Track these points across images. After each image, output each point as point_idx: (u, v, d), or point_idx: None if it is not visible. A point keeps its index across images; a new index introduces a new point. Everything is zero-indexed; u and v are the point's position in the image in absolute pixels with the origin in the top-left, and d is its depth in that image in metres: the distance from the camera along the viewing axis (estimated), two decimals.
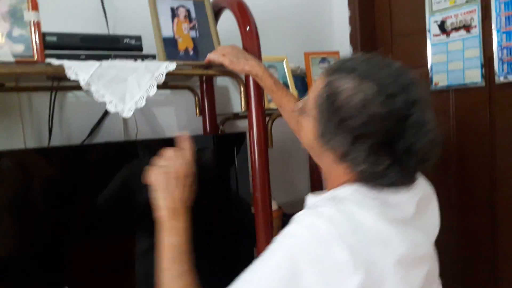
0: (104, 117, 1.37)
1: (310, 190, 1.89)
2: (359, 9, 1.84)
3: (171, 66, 1.06)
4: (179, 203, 0.82)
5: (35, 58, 0.96)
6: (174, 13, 1.20)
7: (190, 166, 0.85)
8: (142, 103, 1.03)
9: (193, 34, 1.22)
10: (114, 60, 1.04)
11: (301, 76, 1.53)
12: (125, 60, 1.06)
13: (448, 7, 1.54)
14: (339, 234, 0.66)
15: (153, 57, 1.17)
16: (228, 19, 1.29)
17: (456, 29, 1.52)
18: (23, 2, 0.96)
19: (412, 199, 0.77)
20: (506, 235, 1.51)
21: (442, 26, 1.56)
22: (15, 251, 1.08)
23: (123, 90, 1.00)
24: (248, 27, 1.21)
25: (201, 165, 1.36)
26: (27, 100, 1.25)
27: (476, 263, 1.61)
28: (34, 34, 0.97)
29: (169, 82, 1.43)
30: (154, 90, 1.04)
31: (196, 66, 1.19)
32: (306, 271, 0.65)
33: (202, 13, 1.25)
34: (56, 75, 1.14)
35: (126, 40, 1.15)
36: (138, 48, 1.18)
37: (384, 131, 0.69)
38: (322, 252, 0.65)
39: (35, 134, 1.27)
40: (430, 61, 1.62)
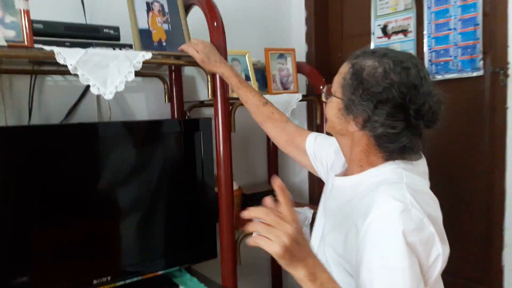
0: (80, 100, 1.48)
1: (267, 174, 2.07)
2: (315, 10, 2.02)
3: (148, 55, 1.21)
4: (309, 260, 0.77)
5: (26, 43, 1.08)
6: (149, 7, 1.34)
7: (297, 221, 0.74)
8: (121, 87, 1.17)
9: (166, 27, 1.36)
10: (95, 48, 1.17)
11: (261, 69, 1.70)
12: (104, 48, 1.19)
13: (390, 13, 1.76)
14: (424, 211, 0.81)
15: (129, 46, 1.30)
16: (197, 15, 1.44)
17: (395, 32, 1.75)
18: None
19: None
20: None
21: (385, 30, 1.78)
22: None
23: (105, 75, 1.14)
24: (215, 23, 1.36)
25: (170, 147, 1.52)
26: (8, 82, 1.35)
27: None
28: (24, 21, 1.07)
29: (140, 70, 1.55)
30: (132, 76, 1.18)
31: (169, 56, 1.33)
32: (421, 253, 0.79)
33: (174, 8, 1.40)
34: (38, 60, 1.25)
35: (106, 30, 1.28)
36: (116, 38, 1.31)
37: (400, 96, 0.85)
38: (424, 232, 0.80)
39: (15, 114, 1.36)
40: None
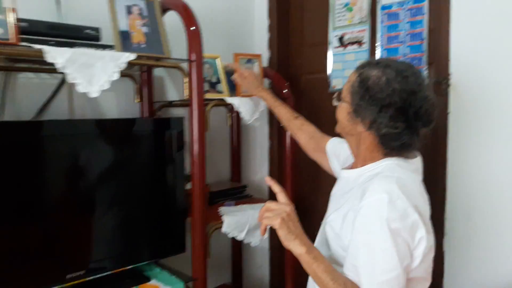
0: (52, 97, 1.49)
1: (230, 173, 2.17)
2: (277, 19, 2.13)
3: (132, 56, 1.26)
4: (304, 236, 0.97)
5: (12, 41, 1.09)
6: (129, 10, 1.39)
7: (290, 204, 1.00)
8: (106, 86, 1.21)
9: (144, 29, 1.42)
10: (80, 48, 1.20)
11: (230, 73, 1.79)
12: (86, 48, 1.23)
13: (346, 25, 1.92)
14: (409, 201, 0.93)
15: (109, 47, 1.34)
16: (172, 18, 1.50)
17: (351, 43, 1.91)
18: None
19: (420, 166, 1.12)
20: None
21: (341, 40, 1.94)
22: None
23: (91, 74, 1.18)
24: (193, 27, 1.44)
25: (141, 145, 1.56)
26: None
27: None
28: (10, 19, 1.09)
29: None
30: (117, 76, 1.23)
31: (149, 57, 1.39)
32: (406, 236, 0.92)
33: (152, 12, 1.45)
34: (24, 58, 1.25)
35: (87, 30, 1.31)
36: (96, 38, 1.34)
37: (401, 101, 0.99)
38: (408, 219, 0.92)
39: None
40: (330, 68, 1.98)
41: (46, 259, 1.31)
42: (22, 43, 1.10)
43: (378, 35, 1.80)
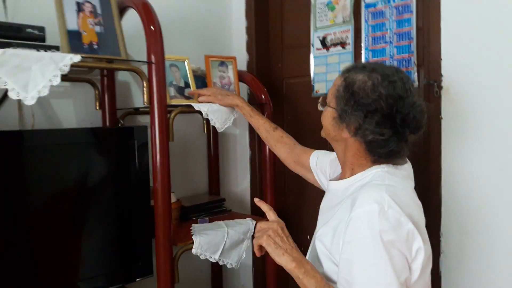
0: None
1: (208, 185, 2.01)
2: (255, 20, 2.00)
3: (76, 58, 1.10)
4: (294, 251, 0.96)
5: None
6: (79, 7, 1.24)
7: (279, 221, 1.01)
8: (45, 92, 1.05)
9: (97, 29, 1.26)
10: (16, 48, 1.05)
11: (201, 76, 1.64)
12: (27, 49, 1.07)
13: (328, 25, 1.78)
14: (402, 210, 0.87)
15: (56, 48, 1.19)
16: (133, 18, 1.36)
17: (334, 44, 1.77)
18: None
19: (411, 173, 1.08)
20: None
21: (324, 42, 1.80)
22: None
23: (27, 78, 1.02)
24: (152, 27, 1.29)
25: (101, 158, 1.41)
26: None
27: None
28: None
29: (69, 74, 1.43)
30: (58, 80, 1.07)
31: (101, 59, 1.23)
32: (402, 248, 0.86)
33: (108, 10, 1.30)
34: None
35: (29, 30, 1.15)
36: (41, 38, 1.19)
37: (387, 107, 0.94)
38: (402, 230, 0.87)
39: None
40: (312, 71, 1.84)
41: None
42: None
43: (363, 36, 1.66)
